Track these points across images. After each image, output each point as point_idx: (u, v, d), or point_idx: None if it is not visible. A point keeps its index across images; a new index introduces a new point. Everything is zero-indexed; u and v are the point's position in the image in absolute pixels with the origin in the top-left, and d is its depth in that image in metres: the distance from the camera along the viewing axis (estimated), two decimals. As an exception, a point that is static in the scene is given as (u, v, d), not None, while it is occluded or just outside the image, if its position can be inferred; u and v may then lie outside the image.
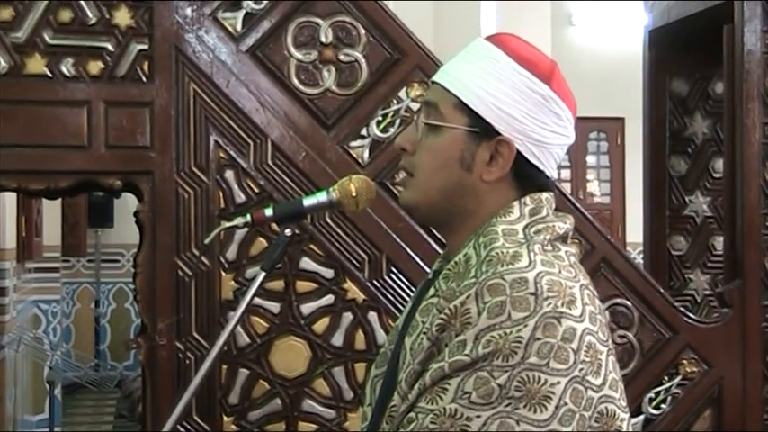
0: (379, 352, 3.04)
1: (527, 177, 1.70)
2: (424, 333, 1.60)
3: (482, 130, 1.68)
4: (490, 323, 1.51)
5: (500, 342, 1.50)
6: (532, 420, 1.48)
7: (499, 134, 1.67)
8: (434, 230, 2.95)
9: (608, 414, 1.55)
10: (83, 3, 3.00)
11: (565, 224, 1.69)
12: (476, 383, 1.50)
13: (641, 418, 3.24)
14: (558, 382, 1.49)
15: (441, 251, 3.07)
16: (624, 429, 1.58)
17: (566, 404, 1.50)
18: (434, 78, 1.76)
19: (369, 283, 3.11)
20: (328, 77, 3.13)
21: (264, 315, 3.07)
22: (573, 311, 1.53)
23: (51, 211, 9.14)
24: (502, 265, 1.56)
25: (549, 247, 1.63)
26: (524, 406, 1.48)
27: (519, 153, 1.67)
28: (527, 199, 1.69)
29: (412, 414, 1.55)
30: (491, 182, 1.69)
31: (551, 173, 1.73)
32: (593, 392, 1.53)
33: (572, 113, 1.72)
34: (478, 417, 1.48)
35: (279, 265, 2.39)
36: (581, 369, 1.52)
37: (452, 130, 1.69)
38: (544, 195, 1.71)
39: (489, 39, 1.74)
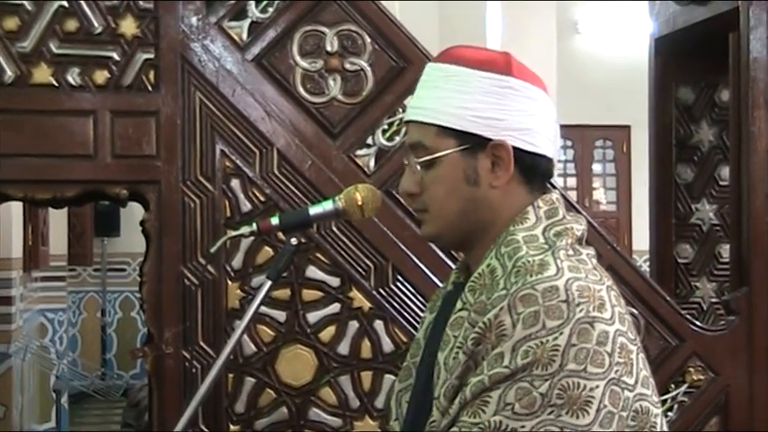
0: (385, 360, 3.05)
1: (531, 168, 1.73)
2: (459, 347, 1.62)
3: (473, 143, 1.70)
4: (526, 333, 1.53)
5: (538, 351, 1.52)
6: (576, 426, 1.51)
7: (490, 140, 1.69)
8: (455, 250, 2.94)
9: (643, 411, 1.59)
10: (89, 12, 3.01)
11: (581, 225, 1.72)
12: (517, 394, 1.52)
13: (648, 426, 3.23)
14: (597, 386, 1.52)
15: (446, 259, 3.10)
16: (659, 425, 1.61)
17: (605, 407, 1.53)
18: (407, 118, 1.79)
19: (375, 292, 3.10)
20: (334, 86, 3.14)
21: (271, 324, 3.07)
22: (604, 314, 1.56)
23: (58, 220, 9.16)
24: (531, 275, 1.58)
25: (572, 252, 1.65)
26: (567, 412, 1.51)
27: (516, 148, 1.69)
28: (539, 202, 1.72)
29: (455, 429, 1.57)
30: (501, 186, 1.71)
31: (551, 152, 1.75)
32: (628, 392, 1.56)
33: (543, 90, 1.75)
34: (523, 427, 1.51)
35: (285, 274, 2.38)
36: (617, 371, 1.55)
37: (446, 156, 1.72)
38: (554, 195, 1.74)
39: (438, 59, 1.78)
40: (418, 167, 1.74)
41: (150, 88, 3.03)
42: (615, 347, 1.55)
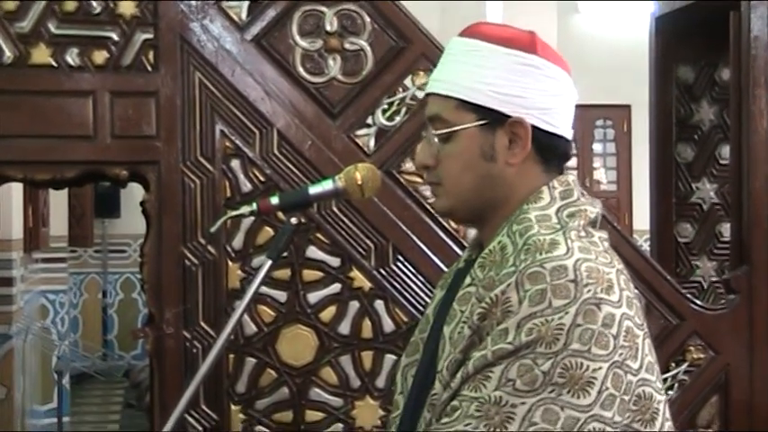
0: (386, 340, 3.05)
1: (548, 148, 1.73)
2: (464, 322, 1.62)
3: (492, 119, 1.70)
4: (532, 311, 1.53)
5: (542, 329, 1.52)
6: (576, 406, 1.50)
7: (509, 117, 1.69)
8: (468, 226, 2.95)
9: (645, 397, 1.59)
10: (87, -8, 3.00)
11: (595, 208, 1.72)
12: (519, 371, 1.52)
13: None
14: (600, 368, 1.52)
15: (447, 239, 3.10)
16: (661, 411, 1.61)
17: (607, 389, 1.52)
18: (428, 90, 1.78)
19: (375, 272, 3.11)
20: (334, 66, 3.13)
21: (271, 304, 3.07)
22: (611, 297, 1.56)
23: (58, 201, 9.16)
24: (540, 254, 1.58)
25: (584, 233, 1.65)
26: (568, 392, 1.51)
27: (534, 127, 1.69)
28: (555, 182, 1.72)
29: (455, 402, 1.57)
30: (517, 164, 1.71)
31: (568, 133, 1.75)
32: (631, 376, 1.56)
33: (566, 71, 1.75)
34: (523, 404, 1.51)
35: (285, 254, 2.38)
36: (620, 354, 1.54)
37: (464, 130, 1.71)
38: (570, 177, 1.74)
39: (463, 33, 1.77)
40: (435, 140, 1.74)
41: (150, 68, 3.03)
42: (621, 330, 1.54)
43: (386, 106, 3.15)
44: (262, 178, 3.07)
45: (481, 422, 1.52)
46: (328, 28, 3.13)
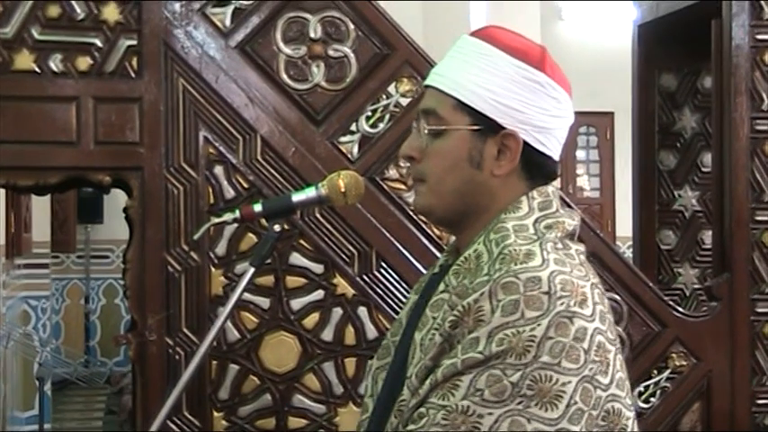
0: (369, 346, 3.05)
1: (536, 165, 1.71)
2: (436, 329, 1.61)
3: (486, 126, 1.68)
4: (504, 321, 1.52)
5: (513, 340, 1.51)
6: (543, 419, 1.49)
7: (503, 128, 1.68)
8: (438, 228, 2.95)
9: (614, 413, 1.57)
10: (71, -2, 3.00)
11: (573, 221, 1.70)
12: (488, 381, 1.51)
13: (631, 411, 3.25)
14: (569, 382, 1.51)
15: (430, 246, 3.10)
16: (629, 428, 1.60)
17: (576, 403, 1.51)
18: (428, 83, 1.76)
19: (358, 278, 3.11)
20: (317, 73, 3.13)
21: (254, 311, 3.07)
22: (584, 311, 1.55)
23: (40, 206, 9.12)
24: (515, 264, 1.57)
25: (560, 246, 1.64)
26: (536, 404, 1.49)
27: (525, 143, 1.68)
28: (534, 193, 1.71)
29: (423, 409, 1.56)
30: (502, 176, 1.69)
31: (558, 156, 1.74)
32: (601, 391, 1.55)
33: (568, 94, 1.74)
34: (490, 414, 1.50)
35: (268, 261, 2.38)
36: (591, 369, 1.53)
37: (456, 131, 1.70)
38: (550, 188, 1.72)
39: (476, 34, 1.75)
40: (425, 133, 1.72)
41: (133, 75, 3.02)
42: (592, 345, 1.53)
43: (369, 113, 3.15)
44: (245, 184, 3.07)
45: (447, 431, 1.51)
46: (312, 35, 3.13)
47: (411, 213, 3.10)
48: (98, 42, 3.01)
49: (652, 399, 3.26)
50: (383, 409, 1.72)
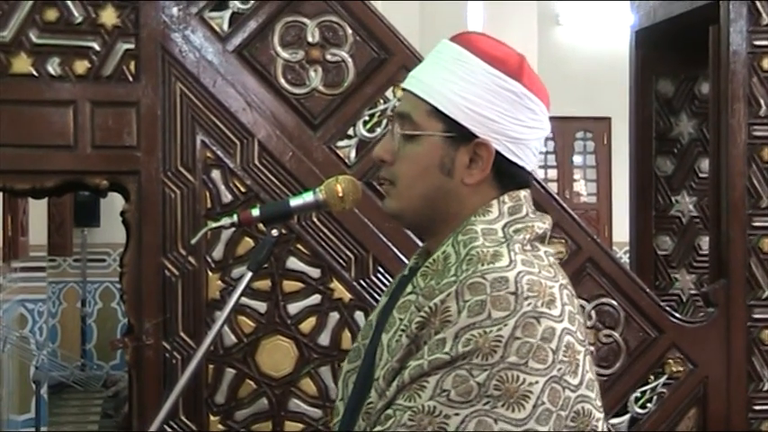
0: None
1: (508, 175, 1.71)
2: (403, 330, 1.60)
3: (459, 134, 1.68)
4: (470, 322, 1.52)
5: (480, 341, 1.50)
6: (510, 419, 1.49)
7: (476, 137, 1.67)
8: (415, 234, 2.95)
9: (584, 414, 1.57)
10: (69, 2, 2.99)
11: (544, 224, 1.70)
12: (454, 381, 1.50)
13: (627, 417, 3.25)
14: (537, 382, 1.51)
15: (427, 251, 3.10)
16: (599, 429, 1.59)
17: (543, 403, 1.51)
18: (404, 86, 1.76)
19: (355, 283, 3.11)
20: (315, 77, 3.13)
21: (251, 315, 3.06)
22: (552, 311, 1.55)
23: (37, 210, 9.11)
24: (482, 264, 1.57)
25: (529, 247, 1.64)
26: (502, 405, 1.49)
27: (498, 152, 1.68)
28: (506, 197, 1.70)
29: (389, 411, 1.56)
30: (472, 185, 1.69)
31: (532, 167, 1.74)
32: (570, 392, 1.54)
33: (545, 105, 1.73)
34: (456, 415, 1.49)
35: (265, 265, 2.38)
36: (559, 369, 1.53)
37: (429, 137, 1.70)
38: (522, 193, 1.72)
39: (455, 39, 1.75)
40: (399, 137, 1.72)
41: (131, 79, 3.02)
42: (561, 345, 1.53)
43: (367, 118, 3.15)
44: (242, 189, 3.07)
45: (413, 431, 1.51)
46: (310, 39, 3.13)
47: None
48: (96, 46, 3.01)
49: (648, 404, 3.26)
50: (352, 412, 1.72)
